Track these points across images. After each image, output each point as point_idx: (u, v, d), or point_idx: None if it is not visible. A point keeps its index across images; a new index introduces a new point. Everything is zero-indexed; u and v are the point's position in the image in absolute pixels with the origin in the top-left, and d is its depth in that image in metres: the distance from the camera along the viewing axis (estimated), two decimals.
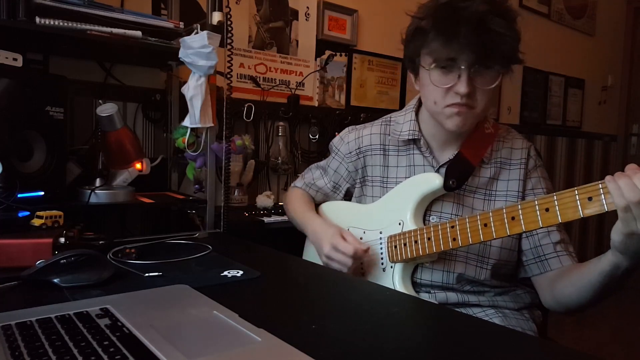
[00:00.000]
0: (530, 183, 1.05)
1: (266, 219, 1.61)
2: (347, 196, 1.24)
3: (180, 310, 0.69)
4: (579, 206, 0.77)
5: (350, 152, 1.18)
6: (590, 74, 3.86)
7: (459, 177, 1.02)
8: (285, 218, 1.65)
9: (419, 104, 1.12)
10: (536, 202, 0.83)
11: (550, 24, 3.45)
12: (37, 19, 1.12)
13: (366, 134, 1.17)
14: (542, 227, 0.83)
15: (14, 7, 1.11)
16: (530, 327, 1.03)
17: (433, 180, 1.01)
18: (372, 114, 2.27)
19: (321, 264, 1.11)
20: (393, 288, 1.01)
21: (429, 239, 0.97)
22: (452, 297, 1.03)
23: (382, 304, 0.80)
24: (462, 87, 0.91)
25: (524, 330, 1.00)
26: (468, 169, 1.03)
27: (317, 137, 2.15)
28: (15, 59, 1.17)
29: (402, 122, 1.11)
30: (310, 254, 1.22)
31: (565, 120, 3.68)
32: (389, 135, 1.13)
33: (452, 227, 0.94)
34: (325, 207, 1.26)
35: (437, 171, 1.06)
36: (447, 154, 1.06)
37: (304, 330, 0.65)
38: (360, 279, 0.95)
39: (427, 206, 1.05)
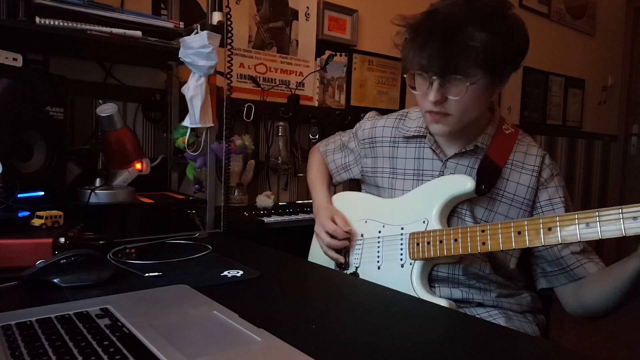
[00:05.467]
0: (546, 193, 1.04)
1: (266, 219, 1.61)
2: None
3: (180, 310, 0.69)
4: (622, 223, 0.77)
5: (364, 139, 1.22)
6: (590, 74, 3.86)
7: (490, 181, 1.02)
8: (285, 218, 1.66)
9: None
10: (576, 216, 0.83)
11: (550, 24, 3.45)
12: (37, 19, 1.12)
13: (380, 125, 1.19)
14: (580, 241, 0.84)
15: (14, 7, 1.11)
16: (533, 330, 1.03)
17: (464, 183, 1.00)
18: None
19: (323, 264, 1.11)
20: (410, 284, 1.01)
21: (455, 240, 0.97)
22: (457, 293, 1.03)
23: (382, 304, 0.80)
24: (431, 96, 0.94)
25: (526, 332, 1.00)
26: (497, 171, 1.03)
27: (317, 137, 2.14)
28: (15, 59, 1.17)
29: (414, 119, 1.14)
30: (315, 254, 1.22)
31: (565, 120, 3.68)
32: (400, 128, 1.15)
33: (483, 231, 0.94)
34: (342, 197, 1.24)
35: (445, 164, 1.06)
36: (454, 149, 1.06)
37: (304, 330, 0.65)
38: (361, 280, 0.95)
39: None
